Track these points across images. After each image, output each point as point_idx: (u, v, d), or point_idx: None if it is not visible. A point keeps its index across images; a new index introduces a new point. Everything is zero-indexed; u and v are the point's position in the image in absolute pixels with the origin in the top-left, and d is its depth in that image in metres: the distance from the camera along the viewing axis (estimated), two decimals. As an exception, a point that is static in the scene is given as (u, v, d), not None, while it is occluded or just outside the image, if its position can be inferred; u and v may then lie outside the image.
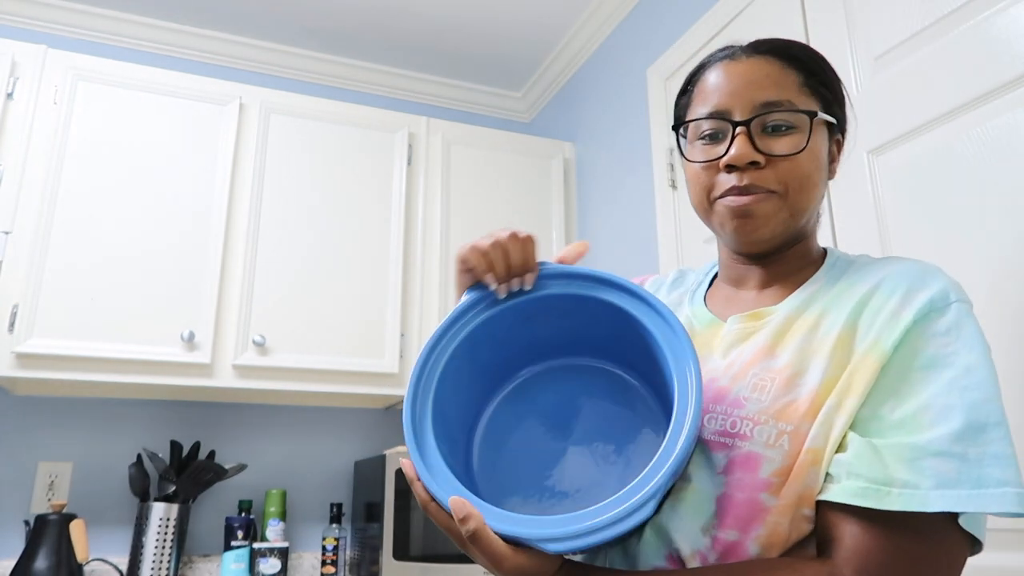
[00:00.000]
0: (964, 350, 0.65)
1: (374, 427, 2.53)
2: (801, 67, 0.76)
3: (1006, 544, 1.08)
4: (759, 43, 0.78)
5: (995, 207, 1.15)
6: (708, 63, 0.80)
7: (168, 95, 2.19)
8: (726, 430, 0.69)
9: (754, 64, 0.76)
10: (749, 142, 0.73)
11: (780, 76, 0.75)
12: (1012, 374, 1.09)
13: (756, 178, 0.73)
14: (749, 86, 0.74)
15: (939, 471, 0.59)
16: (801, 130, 0.73)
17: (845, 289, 0.73)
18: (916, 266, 0.72)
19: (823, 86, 0.78)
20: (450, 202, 2.44)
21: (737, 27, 1.80)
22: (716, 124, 0.76)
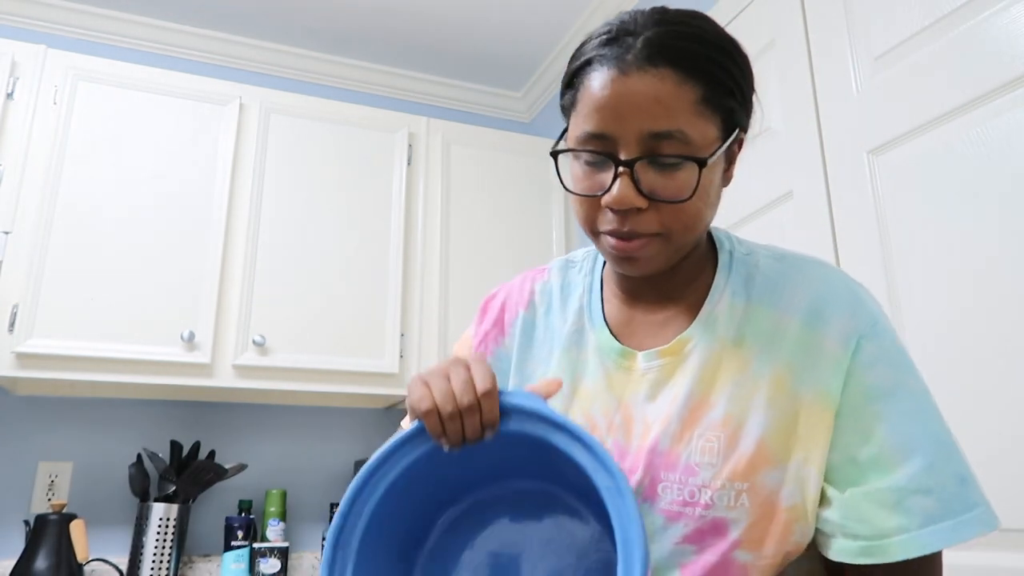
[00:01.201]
0: (904, 375, 0.68)
1: (374, 427, 2.53)
2: (702, 78, 0.66)
3: (1006, 544, 1.08)
4: (655, 47, 0.65)
5: (995, 207, 1.15)
6: (595, 61, 0.68)
7: (168, 95, 2.19)
8: (685, 500, 0.67)
9: (645, 82, 0.64)
10: (632, 184, 0.65)
11: (674, 97, 0.65)
12: (1011, 374, 1.09)
13: (638, 223, 0.66)
14: (637, 112, 0.65)
15: (923, 508, 0.63)
16: (690, 169, 0.66)
17: (760, 319, 0.71)
18: (834, 288, 0.71)
19: (728, 94, 0.69)
20: (450, 202, 2.44)
21: (737, 27, 1.80)
22: (597, 155, 0.67)
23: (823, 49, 1.52)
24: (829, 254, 1.44)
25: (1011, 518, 1.07)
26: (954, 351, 1.18)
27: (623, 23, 0.69)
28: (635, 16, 0.69)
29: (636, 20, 0.69)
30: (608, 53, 0.67)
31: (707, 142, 0.67)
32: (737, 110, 0.71)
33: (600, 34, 0.70)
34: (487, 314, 0.88)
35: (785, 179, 1.58)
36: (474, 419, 0.61)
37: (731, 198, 1.77)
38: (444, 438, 0.62)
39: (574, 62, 0.72)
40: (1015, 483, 1.07)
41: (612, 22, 0.70)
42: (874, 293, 1.32)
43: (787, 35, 1.63)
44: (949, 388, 1.18)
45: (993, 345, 1.12)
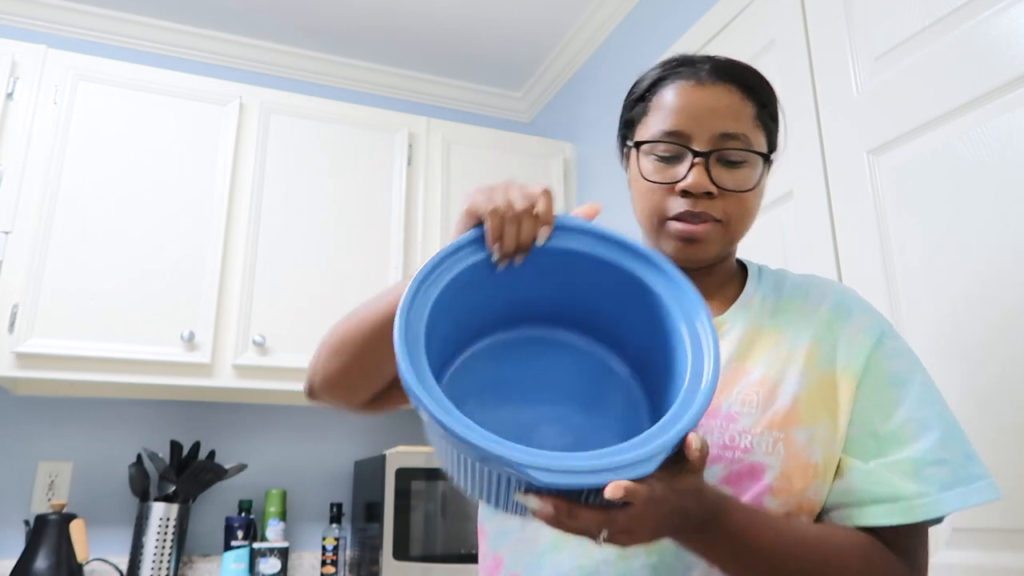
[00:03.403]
0: (915, 368, 0.78)
1: (374, 427, 2.53)
2: (756, 98, 0.80)
3: (1006, 544, 1.08)
4: (721, 67, 0.80)
5: (995, 207, 1.15)
6: (669, 77, 0.81)
7: (168, 95, 2.19)
8: (725, 443, 0.73)
9: (718, 92, 0.79)
10: (706, 173, 0.77)
11: (739, 107, 0.79)
12: (1011, 374, 1.09)
13: (707, 206, 0.77)
14: (712, 115, 0.78)
15: (939, 477, 0.71)
16: (752, 166, 0.79)
17: (792, 309, 0.82)
18: (857, 298, 0.84)
19: (771, 119, 0.82)
20: (450, 202, 2.44)
21: (737, 27, 1.80)
22: (675, 148, 0.78)
23: (823, 49, 1.52)
24: (829, 254, 1.44)
25: (1011, 518, 1.07)
26: (954, 351, 1.18)
27: (684, 55, 0.84)
28: (689, 53, 0.85)
29: (694, 54, 0.84)
30: (683, 71, 0.81)
31: (761, 150, 0.80)
32: (774, 133, 0.84)
33: (667, 62, 0.83)
34: None
35: (785, 179, 1.58)
36: (531, 222, 0.67)
37: (731, 198, 1.77)
38: (500, 242, 0.67)
39: (644, 83, 0.85)
40: (1015, 483, 1.07)
41: (670, 56, 0.85)
42: (874, 292, 1.32)
43: (787, 35, 1.63)
44: (949, 388, 1.18)
45: (993, 345, 1.12)
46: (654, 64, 0.86)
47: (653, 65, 0.85)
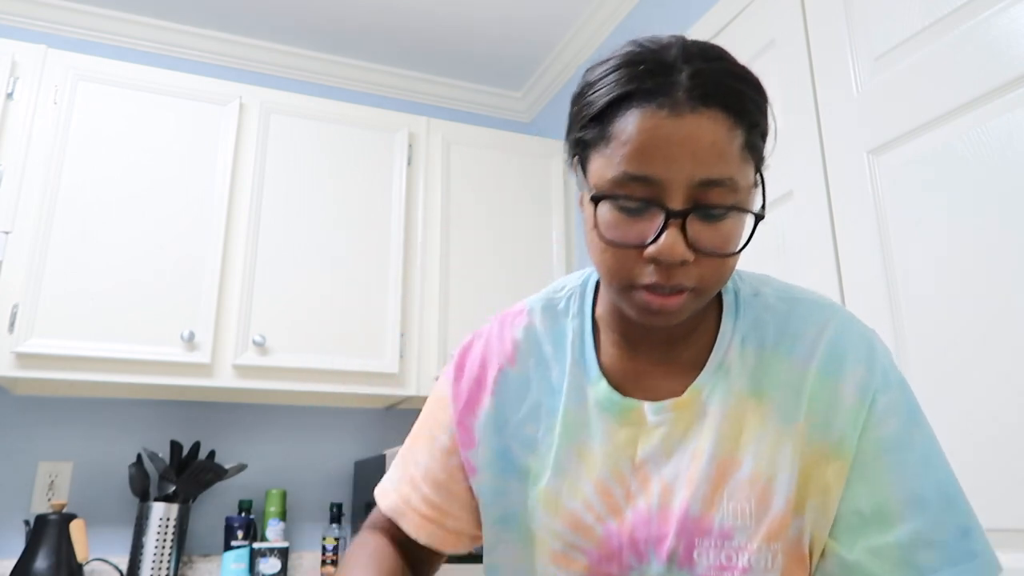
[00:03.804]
0: (912, 426, 0.67)
1: (374, 427, 2.53)
2: (747, 121, 0.62)
3: (1007, 544, 1.08)
4: (706, 85, 0.60)
5: (995, 207, 1.15)
6: (636, 97, 0.61)
7: (168, 95, 2.19)
8: (721, 564, 0.66)
9: (700, 123, 0.59)
10: (682, 235, 0.60)
11: (725, 142, 0.60)
12: (1012, 373, 1.09)
13: (681, 275, 0.61)
14: (691, 156, 0.59)
15: (927, 561, 0.62)
16: (737, 218, 0.62)
17: (777, 369, 0.69)
18: (849, 337, 0.69)
19: (762, 137, 0.65)
20: (450, 202, 2.44)
21: (737, 27, 1.80)
22: (642, 196, 0.61)
23: (823, 49, 1.52)
24: (829, 254, 1.44)
25: (1011, 518, 1.07)
26: (954, 351, 1.18)
27: (655, 53, 0.62)
28: (663, 45, 0.63)
29: (668, 50, 0.62)
30: (652, 87, 0.60)
31: (749, 188, 0.63)
32: (764, 151, 0.67)
33: (631, 62, 0.62)
34: (464, 372, 0.78)
35: (785, 179, 1.58)
36: None
37: (731, 198, 1.77)
38: None
39: (601, 92, 0.63)
40: (1015, 483, 1.07)
41: (638, 50, 0.63)
42: (873, 292, 1.32)
43: (787, 35, 1.63)
44: (949, 388, 1.18)
45: (993, 344, 1.12)
46: (614, 55, 0.65)
47: (612, 58, 0.65)
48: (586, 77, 0.67)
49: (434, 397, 0.82)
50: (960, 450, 1.15)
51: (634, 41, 0.65)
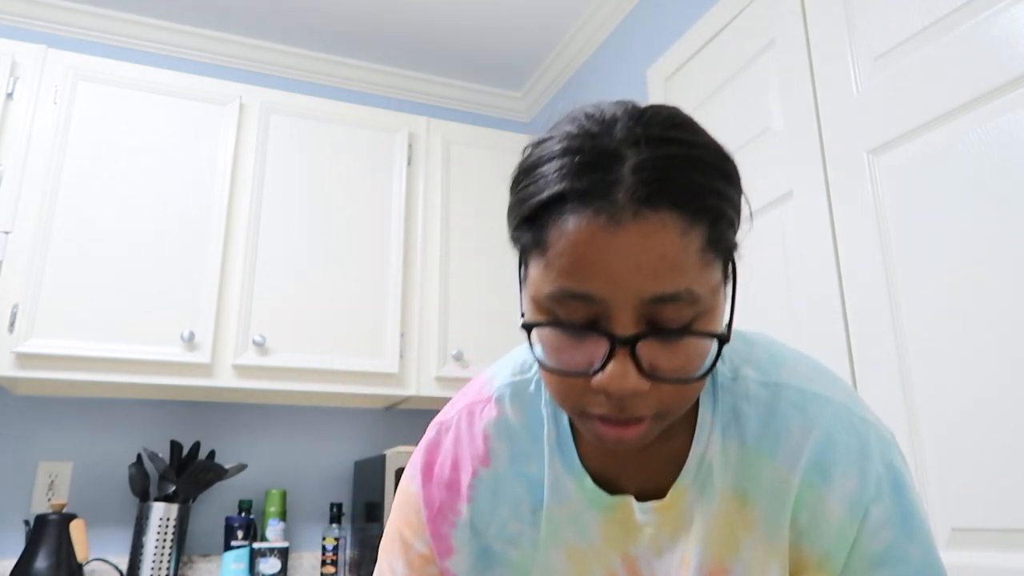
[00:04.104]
0: (911, 539, 0.61)
1: (374, 427, 2.53)
2: (707, 217, 0.52)
3: (1007, 544, 1.08)
4: (653, 182, 0.50)
5: (995, 207, 1.15)
6: (570, 195, 0.51)
7: (168, 95, 2.19)
8: None
9: (646, 233, 0.50)
10: (632, 362, 0.51)
11: (680, 248, 0.50)
12: (1012, 373, 1.09)
13: (637, 405, 0.53)
14: (636, 272, 0.50)
15: None
16: (700, 337, 0.53)
17: (761, 475, 0.62)
18: (840, 438, 0.61)
19: (730, 227, 0.54)
20: (450, 202, 2.44)
21: (737, 27, 1.80)
22: (583, 315, 0.52)
23: (823, 49, 1.52)
24: (829, 254, 1.44)
25: (1011, 518, 1.07)
26: (954, 351, 1.18)
27: (595, 138, 0.53)
28: (606, 123, 0.53)
29: (611, 131, 0.53)
30: (588, 188, 0.51)
31: (713, 293, 0.53)
32: (736, 241, 0.56)
33: (567, 150, 0.53)
34: (434, 475, 0.71)
35: (785, 179, 1.58)
36: None
37: (731, 198, 1.77)
38: None
39: (532, 190, 0.54)
40: (1015, 483, 1.07)
41: (575, 132, 0.54)
42: (873, 292, 1.32)
43: (787, 35, 1.63)
44: (949, 388, 1.18)
45: (993, 345, 1.12)
46: (554, 134, 0.56)
47: (551, 138, 0.56)
48: (523, 160, 0.58)
49: (404, 493, 0.74)
50: (960, 450, 1.16)
51: (576, 117, 0.56)
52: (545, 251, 0.53)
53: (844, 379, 0.68)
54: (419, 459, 0.73)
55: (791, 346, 0.70)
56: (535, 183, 0.55)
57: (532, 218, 0.54)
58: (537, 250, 0.54)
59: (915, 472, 1.21)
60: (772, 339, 0.70)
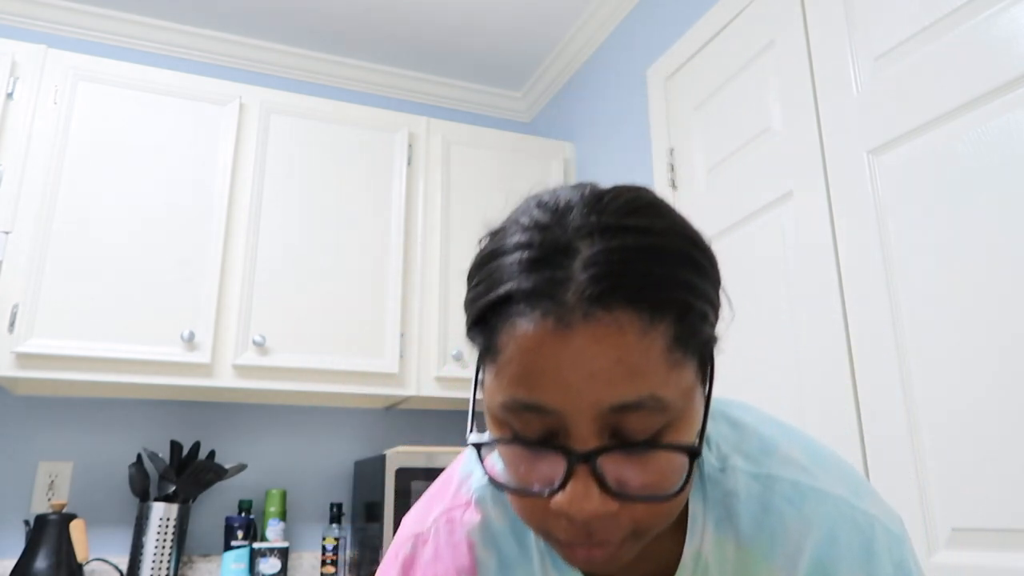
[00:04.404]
0: None
1: (374, 427, 2.53)
2: (672, 310, 0.46)
3: (1007, 544, 1.08)
4: (605, 278, 0.45)
5: (995, 207, 1.15)
6: (517, 296, 0.47)
7: (168, 95, 2.19)
8: None
9: (598, 337, 0.45)
10: (594, 482, 0.46)
11: (640, 352, 0.45)
12: (1011, 373, 1.09)
13: (605, 529, 0.48)
14: (590, 381, 0.45)
15: None
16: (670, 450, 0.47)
17: (759, 567, 0.57)
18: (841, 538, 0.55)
19: (703, 319, 0.49)
20: (450, 202, 2.44)
21: (737, 27, 1.80)
22: (539, 440, 0.48)
23: (823, 49, 1.52)
24: (829, 254, 1.44)
25: (1011, 518, 1.07)
26: (954, 351, 1.18)
27: (547, 230, 0.48)
28: (560, 210, 0.49)
29: (564, 221, 0.48)
30: (537, 287, 0.46)
31: (684, 396, 0.48)
32: (713, 332, 0.51)
33: (518, 245, 0.48)
34: None
35: (785, 179, 1.58)
36: None
37: (731, 198, 1.78)
38: None
39: (481, 289, 0.50)
40: (1015, 483, 1.07)
41: (526, 223, 0.49)
42: (873, 292, 1.32)
43: (787, 35, 1.63)
44: (949, 388, 1.18)
45: (993, 344, 1.12)
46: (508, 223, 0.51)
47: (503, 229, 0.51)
48: (478, 253, 0.53)
49: None
50: (960, 450, 1.16)
51: (529, 206, 0.51)
52: (496, 357, 0.48)
53: (844, 460, 0.62)
54: (395, 570, 0.64)
55: (781, 420, 0.64)
56: (485, 281, 0.50)
57: (482, 320, 0.50)
58: (489, 355, 0.49)
59: (915, 472, 1.21)
60: (760, 415, 0.64)
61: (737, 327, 1.69)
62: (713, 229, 1.81)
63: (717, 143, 1.83)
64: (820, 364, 1.43)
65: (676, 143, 2.01)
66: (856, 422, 1.34)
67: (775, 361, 1.56)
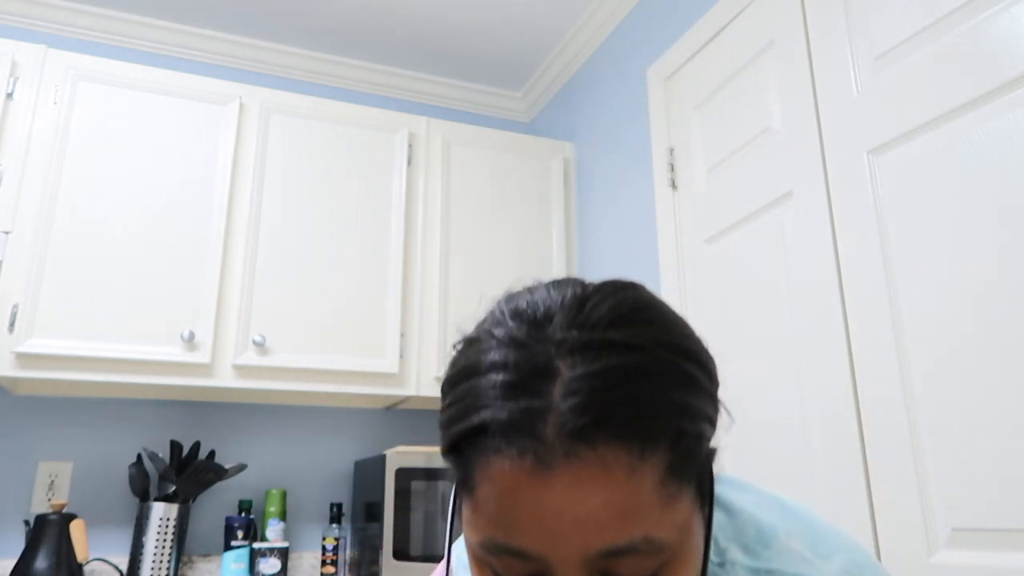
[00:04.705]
0: None
1: (374, 427, 2.53)
2: (665, 439, 0.42)
3: (1007, 544, 1.08)
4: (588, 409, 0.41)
5: (995, 207, 1.15)
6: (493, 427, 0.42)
7: (168, 95, 2.19)
8: None
9: (582, 480, 0.41)
10: None
11: (630, 492, 0.41)
12: (1012, 373, 1.09)
13: None
14: (575, 527, 0.41)
15: None
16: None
17: None
18: None
19: (699, 439, 0.45)
20: (450, 202, 2.44)
21: (737, 27, 1.80)
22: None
23: (823, 49, 1.52)
24: (829, 254, 1.44)
25: (1011, 518, 1.07)
26: (954, 351, 1.18)
27: (523, 347, 0.44)
28: (540, 322, 0.45)
29: (543, 334, 0.44)
30: (514, 420, 0.42)
31: (682, 531, 0.44)
32: (710, 447, 0.47)
33: (493, 366, 0.44)
34: None
35: (785, 179, 1.58)
36: None
37: (731, 198, 1.78)
38: None
39: (456, 413, 0.45)
40: (1015, 483, 1.07)
41: (504, 337, 0.45)
42: (874, 292, 1.32)
43: (787, 35, 1.63)
44: (949, 387, 1.18)
45: (993, 344, 1.12)
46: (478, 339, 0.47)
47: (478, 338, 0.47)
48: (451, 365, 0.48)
49: None
50: (960, 450, 1.16)
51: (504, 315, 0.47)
52: (472, 491, 0.44)
53: (845, 537, 0.59)
54: None
55: (774, 496, 0.61)
56: (458, 404, 0.45)
57: (455, 448, 0.45)
58: (465, 488, 0.45)
59: (915, 472, 1.21)
60: (755, 495, 0.61)
61: (737, 328, 1.69)
62: (713, 229, 1.81)
63: (717, 143, 1.83)
64: (820, 364, 1.43)
65: (676, 143, 2.01)
66: (856, 422, 1.34)
67: (775, 361, 1.56)
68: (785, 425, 1.51)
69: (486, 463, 0.43)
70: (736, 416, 1.67)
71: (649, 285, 2.31)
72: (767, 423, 1.55)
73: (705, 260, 1.83)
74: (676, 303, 1.91)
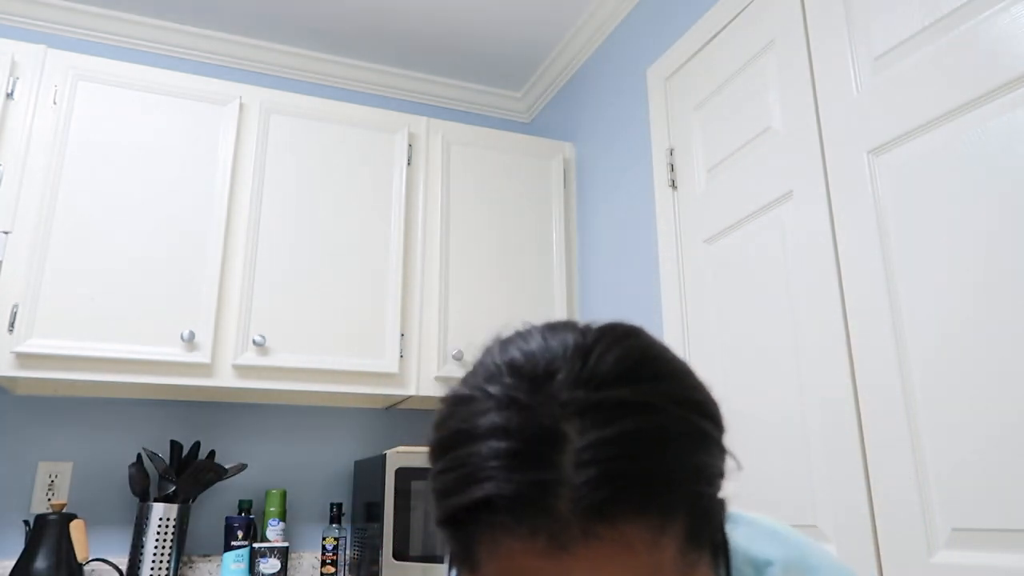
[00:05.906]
0: None
1: (374, 427, 2.53)
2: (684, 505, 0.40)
3: (1007, 544, 1.08)
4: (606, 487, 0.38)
5: (995, 207, 1.15)
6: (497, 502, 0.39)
7: (168, 95, 2.19)
8: None
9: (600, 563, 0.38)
10: None
11: (653, 567, 0.38)
12: (1012, 373, 1.09)
13: None
14: None
15: None
16: None
17: None
18: None
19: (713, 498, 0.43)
20: (450, 202, 2.44)
21: (737, 27, 1.80)
22: None
23: (823, 49, 1.52)
24: (829, 254, 1.44)
25: (1011, 518, 1.07)
26: (955, 351, 1.18)
27: (526, 409, 0.40)
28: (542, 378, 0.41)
29: (546, 392, 0.41)
30: (522, 494, 0.38)
31: None
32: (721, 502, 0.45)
33: (493, 430, 0.40)
34: None
35: (785, 179, 1.58)
36: None
37: (731, 198, 1.78)
38: None
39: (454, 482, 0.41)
40: (1015, 483, 1.07)
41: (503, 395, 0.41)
42: (874, 292, 1.32)
43: (787, 35, 1.63)
44: (949, 388, 1.18)
45: (993, 344, 1.12)
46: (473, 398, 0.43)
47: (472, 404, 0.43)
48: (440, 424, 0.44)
49: None
50: (960, 450, 1.16)
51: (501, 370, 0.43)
52: (475, 569, 0.40)
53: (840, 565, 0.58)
54: None
55: (766, 524, 0.60)
56: (455, 470, 0.41)
57: (454, 522, 0.41)
58: (465, 565, 0.41)
59: (915, 472, 1.21)
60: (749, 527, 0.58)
61: (737, 328, 1.69)
62: (713, 229, 1.81)
63: (717, 143, 1.83)
64: (820, 364, 1.43)
65: (676, 143, 2.01)
66: (856, 422, 1.34)
67: (775, 362, 1.56)
68: (785, 425, 1.51)
69: (492, 541, 0.39)
70: (736, 417, 1.67)
71: (649, 285, 2.28)
72: (767, 423, 1.55)
73: (705, 260, 1.83)
74: (676, 303, 1.91)
